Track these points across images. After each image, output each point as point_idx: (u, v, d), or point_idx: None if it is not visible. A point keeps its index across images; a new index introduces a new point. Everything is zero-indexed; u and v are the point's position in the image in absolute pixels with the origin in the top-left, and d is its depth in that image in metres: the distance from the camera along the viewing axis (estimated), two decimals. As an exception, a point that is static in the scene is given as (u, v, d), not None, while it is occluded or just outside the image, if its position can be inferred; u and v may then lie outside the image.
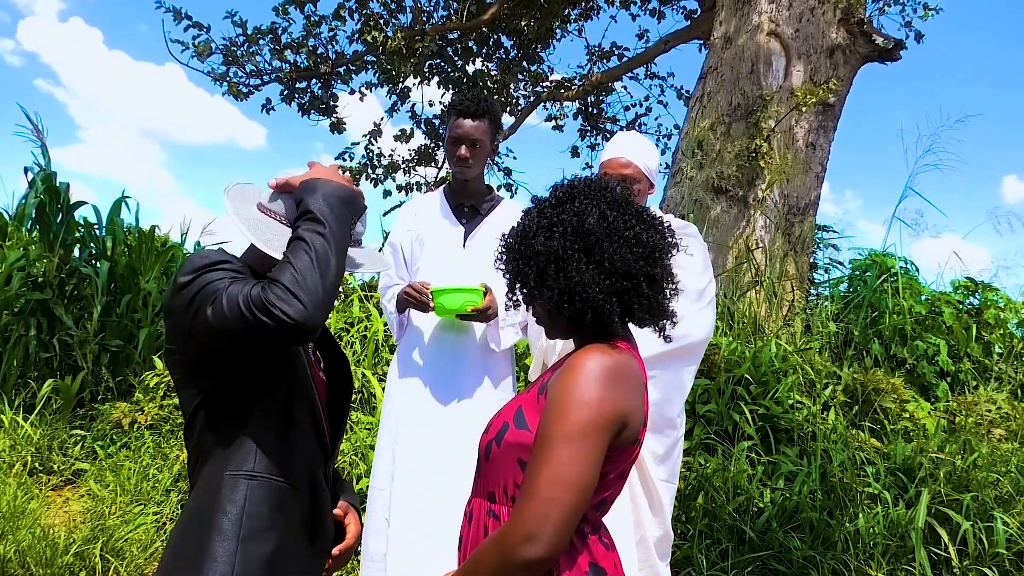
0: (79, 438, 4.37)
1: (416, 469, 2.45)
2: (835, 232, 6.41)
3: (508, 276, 1.44)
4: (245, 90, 7.99)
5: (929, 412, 4.14)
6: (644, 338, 1.55)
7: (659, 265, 1.36)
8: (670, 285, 1.41)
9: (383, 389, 4.34)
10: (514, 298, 1.45)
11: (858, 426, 4.00)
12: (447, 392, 2.51)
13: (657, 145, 9.42)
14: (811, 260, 6.00)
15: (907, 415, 4.06)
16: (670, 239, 1.42)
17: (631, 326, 1.45)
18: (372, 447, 2.61)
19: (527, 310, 1.49)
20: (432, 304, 2.42)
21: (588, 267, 1.33)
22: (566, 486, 1.23)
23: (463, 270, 2.52)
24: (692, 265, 2.37)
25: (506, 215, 2.61)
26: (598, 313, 1.35)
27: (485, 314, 2.44)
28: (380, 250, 2.73)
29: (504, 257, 1.44)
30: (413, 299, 2.46)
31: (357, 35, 8.14)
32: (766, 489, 3.54)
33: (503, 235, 1.44)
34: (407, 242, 2.69)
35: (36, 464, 4.12)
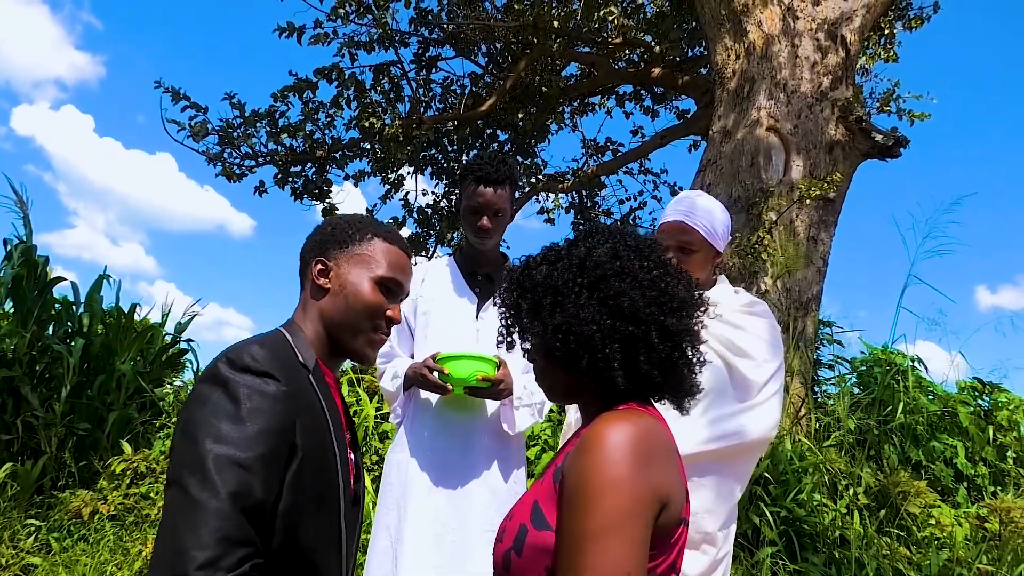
0: (33, 528, 3.98)
1: (421, 571, 2.12)
2: (839, 328, 6.26)
3: (501, 308, 1.25)
4: (239, 172, 7.89)
5: (955, 518, 3.87)
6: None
7: (677, 317, 1.14)
8: (692, 351, 1.18)
9: (371, 480, 4.02)
10: (506, 337, 1.26)
11: (885, 532, 3.72)
12: (455, 480, 2.20)
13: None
14: (815, 356, 5.82)
15: (933, 520, 3.79)
16: (699, 297, 1.21)
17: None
18: (361, 548, 2.30)
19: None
20: (451, 387, 2.15)
21: (590, 302, 1.13)
22: None
23: (476, 343, 2.27)
24: (755, 350, 2.07)
25: None
26: (594, 360, 1.12)
27: (497, 388, 2.15)
28: None
29: (502, 288, 1.25)
30: (430, 382, 2.16)
31: (355, 121, 8.17)
32: (793, 601, 3.23)
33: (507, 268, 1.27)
34: (411, 312, 2.44)
35: (-19, 558, 3.72)
